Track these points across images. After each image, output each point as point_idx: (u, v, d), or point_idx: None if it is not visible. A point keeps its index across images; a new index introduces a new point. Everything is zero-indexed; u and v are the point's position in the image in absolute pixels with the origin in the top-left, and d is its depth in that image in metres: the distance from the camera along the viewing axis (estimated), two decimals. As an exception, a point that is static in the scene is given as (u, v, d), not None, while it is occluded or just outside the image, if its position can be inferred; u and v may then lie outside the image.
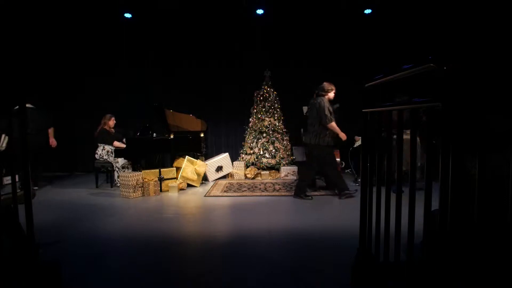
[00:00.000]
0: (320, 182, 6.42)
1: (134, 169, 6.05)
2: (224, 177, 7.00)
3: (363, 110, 2.09)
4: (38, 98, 6.06)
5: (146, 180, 5.41)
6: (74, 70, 7.83)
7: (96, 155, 6.12)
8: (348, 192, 4.90)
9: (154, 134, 6.36)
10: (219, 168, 6.84)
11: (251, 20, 7.57)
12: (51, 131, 6.06)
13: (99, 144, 6.14)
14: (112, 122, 6.29)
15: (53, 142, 6.05)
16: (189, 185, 6.10)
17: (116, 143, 6.15)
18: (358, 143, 6.39)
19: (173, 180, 5.80)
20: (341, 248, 3.00)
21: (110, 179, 6.26)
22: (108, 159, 6.07)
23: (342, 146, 6.77)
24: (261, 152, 6.94)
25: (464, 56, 1.30)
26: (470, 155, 1.47)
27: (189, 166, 6.10)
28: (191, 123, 6.75)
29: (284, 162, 6.99)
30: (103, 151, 6.09)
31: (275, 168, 6.98)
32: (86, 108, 7.85)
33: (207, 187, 6.08)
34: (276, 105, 7.22)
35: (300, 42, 7.69)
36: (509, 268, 1.31)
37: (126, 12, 7.39)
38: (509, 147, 1.36)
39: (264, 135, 7.04)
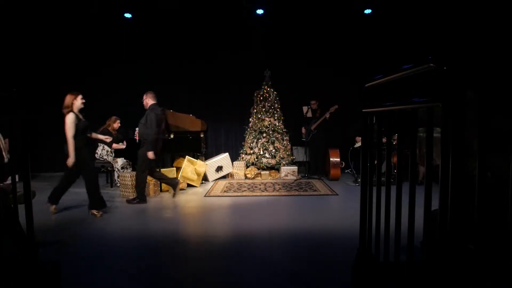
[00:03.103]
0: (320, 182, 6.42)
1: (134, 169, 6.05)
2: (224, 177, 7.00)
3: (363, 110, 2.09)
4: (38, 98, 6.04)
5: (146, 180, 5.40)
6: (74, 70, 7.82)
7: (96, 155, 6.12)
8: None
9: (154, 134, 6.34)
10: (219, 168, 6.84)
11: (251, 20, 7.57)
12: None
13: (99, 144, 6.14)
14: (116, 125, 6.31)
15: None
16: (189, 185, 6.10)
17: (115, 145, 6.15)
18: (358, 143, 6.38)
19: (173, 180, 5.79)
20: (341, 248, 2.99)
21: (110, 179, 6.26)
22: (108, 159, 6.07)
23: (342, 147, 6.79)
24: (261, 152, 6.94)
25: (464, 56, 1.30)
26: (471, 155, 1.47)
27: (189, 166, 6.10)
28: (191, 123, 6.75)
29: (284, 162, 6.98)
30: (103, 151, 6.09)
31: (275, 168, 6.98)
32: (86, 108, 7.82)
33: (207, 187, 6.08)
34: (276, 105, 7.22)
35: (300, 42, 7.69)
36: (509, 268, 1.30)
37: (126, 12, 7.39)
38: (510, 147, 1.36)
39: (264, 135, 7.04)
